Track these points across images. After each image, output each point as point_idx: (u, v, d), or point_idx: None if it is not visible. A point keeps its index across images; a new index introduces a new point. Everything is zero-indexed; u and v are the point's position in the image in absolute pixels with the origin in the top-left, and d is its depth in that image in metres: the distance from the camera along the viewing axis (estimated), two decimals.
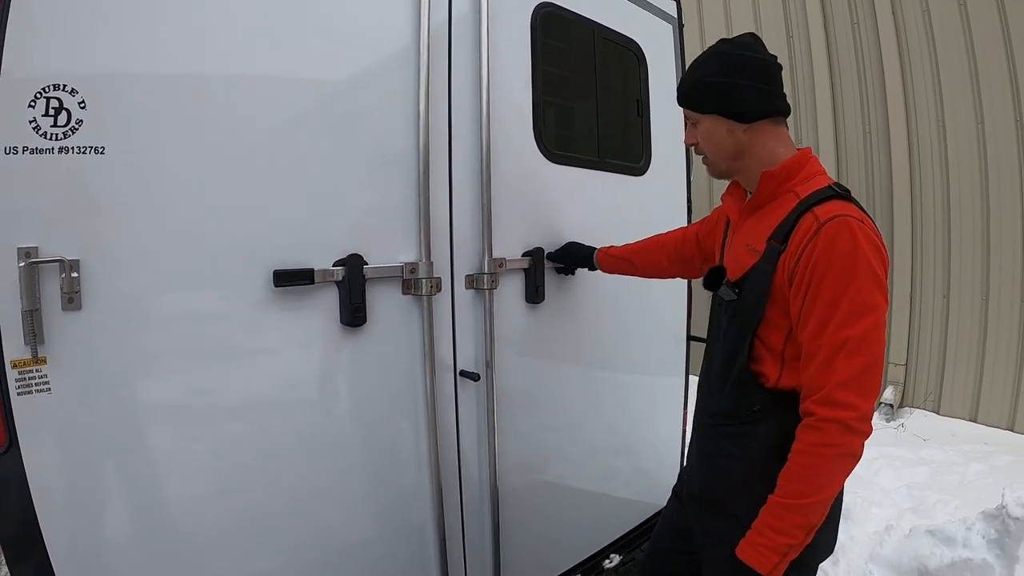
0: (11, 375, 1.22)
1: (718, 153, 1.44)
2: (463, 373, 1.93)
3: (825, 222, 1.24)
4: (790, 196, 1.35)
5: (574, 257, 2.20)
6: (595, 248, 2.18)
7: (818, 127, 5.64)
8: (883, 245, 1.28)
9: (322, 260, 1.61)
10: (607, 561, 2.60)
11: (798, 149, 1.42)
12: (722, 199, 1.60)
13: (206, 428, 1.49)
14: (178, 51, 1.36)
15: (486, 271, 1.94)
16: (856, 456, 1.22)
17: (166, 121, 1.36)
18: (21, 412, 1.23)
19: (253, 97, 1.48)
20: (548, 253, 2.18)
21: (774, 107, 1.39)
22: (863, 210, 1.32)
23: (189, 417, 1.46)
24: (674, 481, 1.77)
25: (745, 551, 1.27)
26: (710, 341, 1.54)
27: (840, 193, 1.31)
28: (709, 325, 1.56)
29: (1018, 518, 2.58)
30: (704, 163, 1.51)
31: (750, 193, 1.47)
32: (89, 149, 1.26)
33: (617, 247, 2.16)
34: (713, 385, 1.48)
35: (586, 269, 2.24)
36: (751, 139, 1.39)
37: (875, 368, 1.22)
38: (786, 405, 1.33)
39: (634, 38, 2.55)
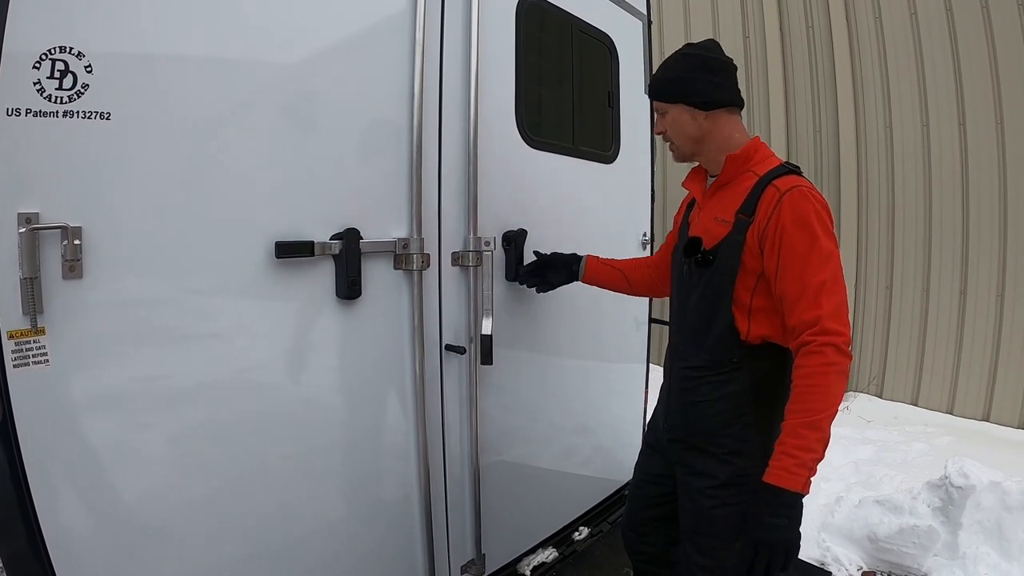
0: (7, 346, 1.16)
1: (683, 137, 1.69)
2: (449, 347, 1.97)
3: (785, 192, 1.51)
4: (749, 175, 1.61)
5: (556, 262, 2.15)
6: (580, 256, 2.16)
7: (770, 124, 5.85)
8: (828, 205, 1.55)
9: (320, 234, 1.62)
10: (576, 533, 2.70)
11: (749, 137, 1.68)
12: (684, 185, 1.80)
13: (206, 401, 1.46)
14: (187, 24, 1.35)
15: (471, 249, 1.99)
16: (847, 374, 1.45)
17: (173, 91, 1.34)
18: (17, 385, 1.18)
19: (259, 72, 1.48)
20: (526, 265, 2.14)
21: (731, 99, 1.66)
22: (810, 182, 1.58)
23: (190, 390, 1.43)
24: (633, 459, 1.96)
25: (778, 476, 1.40)
26: (677, 304, 1.73)
27: (791, 169, 1.59)
28: (672, 291, 1.77)
29: (960, 487, 2.78)
30: (670, 149, 1.75)
31: (711, 177, 1.72)
32: (95, 114, 1.22)
33: (606, 260, 2.17)
34: (688, 342, 1.68)
35: (563, 282, 2.16)
36: (711, 125, 1.65)
37: (845, 302, 1.49)
38: (758, 355, 1.59)
39: (607, 32, 2.64)
